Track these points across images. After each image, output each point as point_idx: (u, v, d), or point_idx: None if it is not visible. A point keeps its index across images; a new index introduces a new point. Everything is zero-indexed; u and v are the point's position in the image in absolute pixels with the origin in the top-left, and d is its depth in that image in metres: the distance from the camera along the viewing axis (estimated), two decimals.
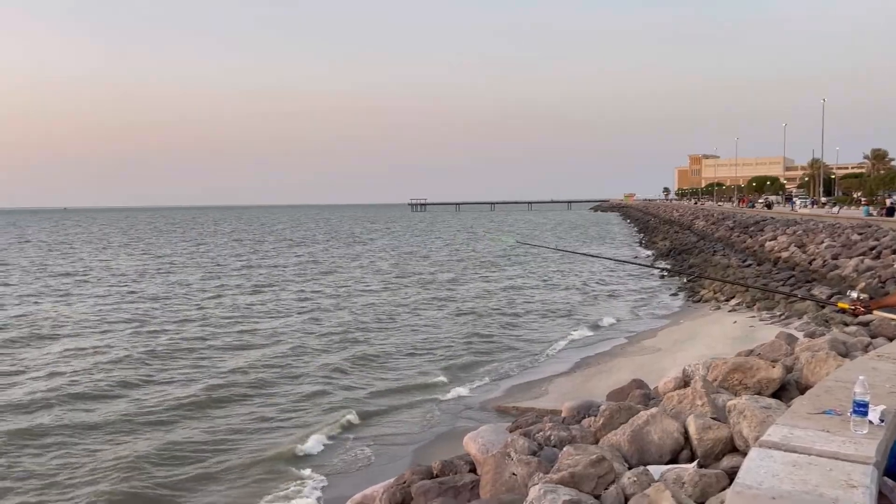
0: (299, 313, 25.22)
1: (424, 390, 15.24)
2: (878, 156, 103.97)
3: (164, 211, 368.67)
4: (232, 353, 18.72)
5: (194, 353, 18.55)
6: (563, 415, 9.30)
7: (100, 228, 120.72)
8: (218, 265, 45.44)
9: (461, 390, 15.16)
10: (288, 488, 9.96)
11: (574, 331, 21.73)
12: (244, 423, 12.82)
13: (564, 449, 5.95)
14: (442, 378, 16.23)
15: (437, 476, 7.77)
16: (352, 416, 13.25)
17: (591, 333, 21.28)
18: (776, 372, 7.10)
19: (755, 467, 3.26)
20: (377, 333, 21.39)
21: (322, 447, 11.66)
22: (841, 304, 5.70)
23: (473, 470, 7.54)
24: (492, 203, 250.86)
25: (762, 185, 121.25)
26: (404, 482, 7.80)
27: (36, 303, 28.28)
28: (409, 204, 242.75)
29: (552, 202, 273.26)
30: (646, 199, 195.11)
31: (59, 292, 31.54)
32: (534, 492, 5.04)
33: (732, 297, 23.84)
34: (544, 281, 35.50)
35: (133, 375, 16.07)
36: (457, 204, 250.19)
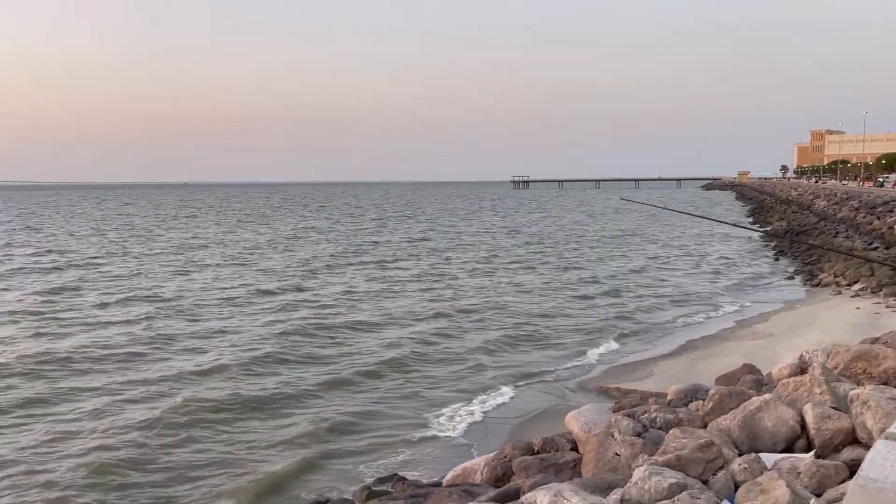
0: (426, 290, 25.39)
1: (523, 367, 15.24)
2: None
3: (273, 186, 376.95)
4: (364, 331, 18.85)
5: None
6: (668, 397, 9.08)
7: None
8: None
9: (560, 369, 15.08)
10: (391, 461, 10.22)
11: (680, 312, 21.11)
12: (363, 403, 12.92)
13: (671, 431, 5.81)
14: (539, 355, 16.18)
15: (537, 452, 7.79)
16: (453, 393, 13.48)
17: (698, 315, 20.60)
18: None
19: (881, 460, 3.08)
20: (490, 313, 21.13)
21: (425, 421, 11.89)
22: None
23: (575, 448, 7.50)
24: (596, 180, 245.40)
25: (893, 163, 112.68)
26: (505, 457, 7.87)
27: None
28: (511, 181, 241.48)
29: (660, 179, 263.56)
30: (761, 178, 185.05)
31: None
32: (638, 472, 4.96)
33: (855, 282, 22.40)
34: (653, 259, 34.62)
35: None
36: (560, 181, 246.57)
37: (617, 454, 6.20)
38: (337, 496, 8.92)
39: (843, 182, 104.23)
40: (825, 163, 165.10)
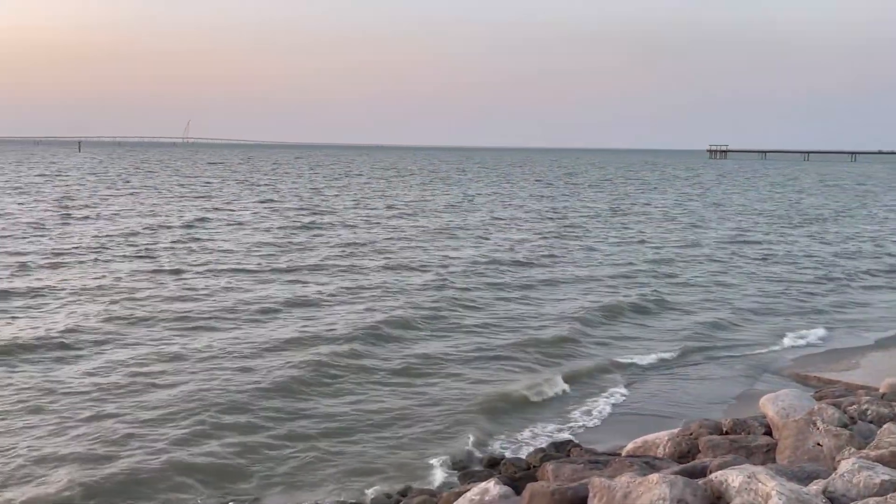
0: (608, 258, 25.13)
1: (714, 346, 14.54)
2: None
3: (412, 150, 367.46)
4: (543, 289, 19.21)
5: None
6: (881, 391, 8.29)
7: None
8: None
9: (755, 351, 14.22)
10: (566, 426, 10.23)
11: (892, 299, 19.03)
12: (544, 367, 12.92)
13: (885, 426, 5.34)
14: (732, 336, 15.34)
15: (726, 433, 7.46)
16: (636, 362, 13.23)
17: None
18: None
19: None
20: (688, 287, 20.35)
21: (604, 391, 11.77)
22: None
23: (768, 433, 7.10)
24: (805, 152, 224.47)
25: None
26: (691, 433, 7.63)
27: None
28: (707, 150, 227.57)
29: (880, 153, 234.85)
30: None
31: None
32: (845, 465, 4.61)
33: None
34: (871, 239, 31.36)
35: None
36: (763, 151, 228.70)
37: (819, 444, 5.79)
38: (511, 455, 9.06)
39: None
40: None
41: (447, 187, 63.47)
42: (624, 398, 11.49)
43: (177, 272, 20.02)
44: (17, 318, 14.70)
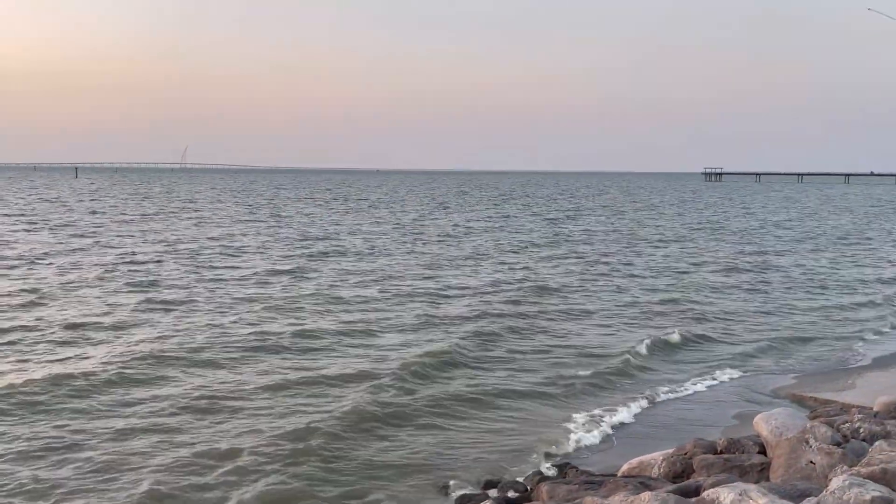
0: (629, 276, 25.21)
1: (710, 365, 14.56)
2: None
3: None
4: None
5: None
6: (874, 409, 8.31)
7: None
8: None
9: (747, 372, 14.21)
10: (562, 449, 10.21)
11: (890, 320, 19.06)
12: (538, 387, 12.95)
13: (876, 444, 5.36)
14: (728, 353, 15.36)
15: (720, 452, 7.47)
16: (631, 384, 13.21)
17: None
18: None
19: None
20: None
21: (598, 412, 11.76)
22: None
23: (762, 452, 7.11)
24: (799, 174, 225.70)
25: None
26: (685, 453, 7.64)
27: None
28: (702, 173, 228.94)
29: (873, 174, 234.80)
30: None
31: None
32: (836, 482, 4.63)
33: None
34: (867, 264, 31.31)
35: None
36: (756, 174, 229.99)
37: (811, 462, 5.81)
38: (508, 478, 9.05)
39: None
40: None
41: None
42: (622, 419, 11.48)
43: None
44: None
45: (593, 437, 10.67)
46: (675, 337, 16.39)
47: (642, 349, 15.25)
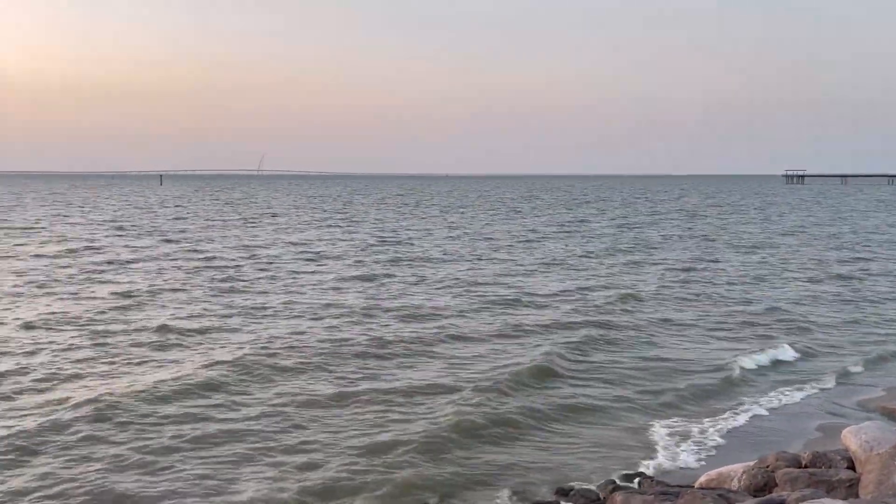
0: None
1: (793, 376, 14.01)
2: None
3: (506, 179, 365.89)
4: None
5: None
6: None
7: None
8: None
9: (833, 383, 13.59)
10: (640, 458, 10.00)
11: None
12: (612, 393, 12.84)
13: None
14: (813, 365, 14.75)
15: (805, 466, 7.20)
16: (713, 393, 12.87)
17: None
18: None
19: None
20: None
21: (680, 422, 11.48)
22: None
23: (851, 467, 6.81)
24: (890, 176, 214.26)
25: None
26: (767, 466, 7.39)
27: None
28: (783, 175, 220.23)
29: None
30: None
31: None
32: None
33: None
34: None
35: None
36: (843, 176, 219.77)
37: None
38: (579, 486, 8.94)
39: None
40: None
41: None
42: (698, 429, 11.18)
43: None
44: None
45: (672, 448, 10.41)
46: (768, 349, 15.82)
47: (733, 362, 14.71)
